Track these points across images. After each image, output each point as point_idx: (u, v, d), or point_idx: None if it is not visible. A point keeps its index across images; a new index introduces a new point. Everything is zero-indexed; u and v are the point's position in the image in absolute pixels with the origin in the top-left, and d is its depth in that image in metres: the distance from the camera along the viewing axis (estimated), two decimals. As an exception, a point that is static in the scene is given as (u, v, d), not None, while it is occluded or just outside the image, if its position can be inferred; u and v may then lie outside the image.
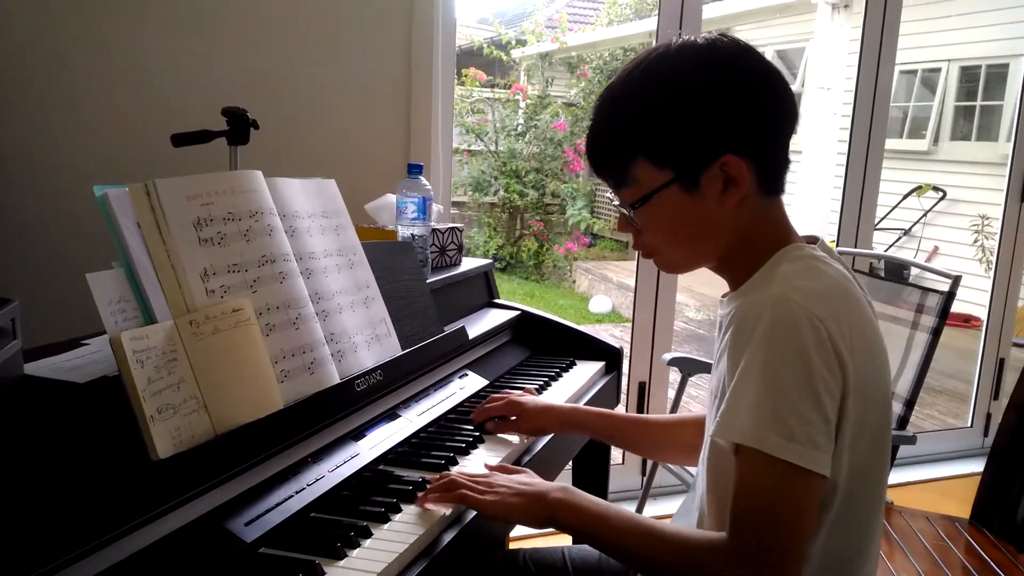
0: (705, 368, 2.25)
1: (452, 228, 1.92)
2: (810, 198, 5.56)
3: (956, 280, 1.99)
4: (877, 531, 1.04)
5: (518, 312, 1.91)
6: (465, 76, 8.10)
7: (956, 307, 2.05)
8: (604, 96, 1.04)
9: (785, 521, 0.88)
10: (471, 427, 1.39)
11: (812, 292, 0.92)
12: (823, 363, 0.88)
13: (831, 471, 0.90)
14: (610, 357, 1.87)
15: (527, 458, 1.35)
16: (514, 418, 1.39)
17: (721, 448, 0.96)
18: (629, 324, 3.21)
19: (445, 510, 1.07)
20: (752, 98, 0.97)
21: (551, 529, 1.06)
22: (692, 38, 1.00)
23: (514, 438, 1.37)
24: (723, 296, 1.08)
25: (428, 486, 1.11)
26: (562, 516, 1.02)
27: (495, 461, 1.27)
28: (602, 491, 1.92)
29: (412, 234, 1.72)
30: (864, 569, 1.02)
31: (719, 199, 0.98)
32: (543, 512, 1.03)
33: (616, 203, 1.07)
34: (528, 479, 1.10)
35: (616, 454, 2.81)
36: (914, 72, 7.32)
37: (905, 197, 6.88)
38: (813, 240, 1.05)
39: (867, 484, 0.99)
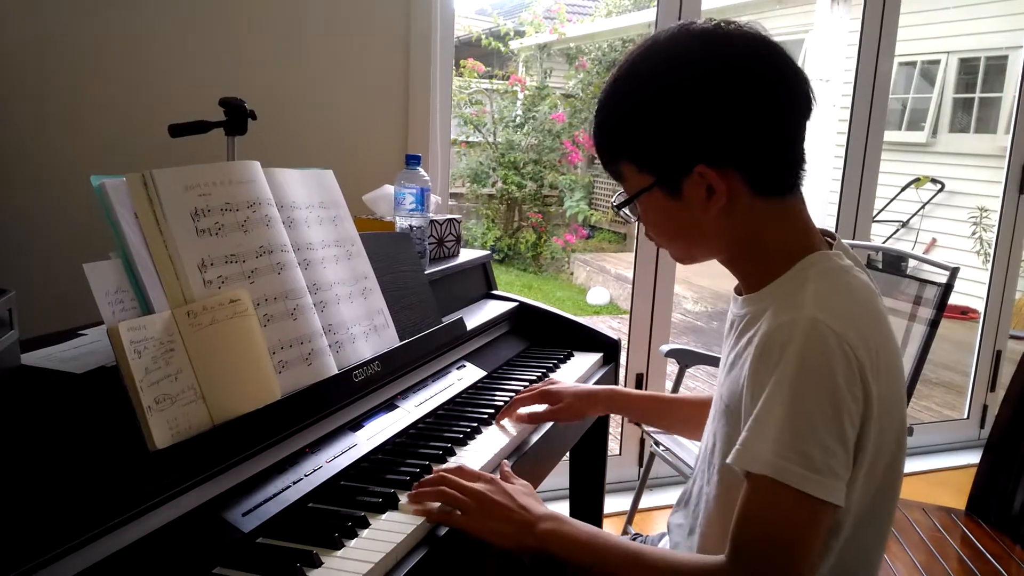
0: (702, 360, 2.25)
1: (450, 219, 1.91)
2: (809, 189, 5.56)
3: (954, 272, 1.99)
4: (884, 547, 1.04)
5: (516, 303, 1.91)
6: (463, 67, 8.08)
7: (954, 299, 2.05)
8: (600, 95, 1.03)
9: (792, 551, 0.86)
10: (466, 419, 1.40)
11: (844, 315, 0.89)
12: (850, 392, 0.86)
13: (846, 497, 0.89)
14: (608, 348, 1.87)
15: (524, 449, 1.36)
16: (547, 406, 1.41)
17: (733, 472, 0.93)
18: (627, 316, 3.21)
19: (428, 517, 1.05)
20: (735, 103, 0.92)
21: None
22: (691, 25, 0.97)
23: (513, 431, 1.37)
24: (736, 293, 1.06)
25: (417, 483, 1.09)
26: (553, 548, 1.01)
27: (493, 452, 1.27)
28: (599, 482, 1.93)
29: (410, 225, 1.72)
30: None
31: (703, 205, 0.96)
32: (533, 543, 1.01)
33: (613, 202, 1.07)
34: (525, 501, 1.06)
35: (613, 445, 2.81)
36: (913, 64, 7.31)
37: (903, 189, 6.88)
38: (830, 238, 1.02)
39: (880, 506, 0.98)
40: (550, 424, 1.45)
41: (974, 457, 2.85)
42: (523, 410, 1.42)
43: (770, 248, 0.99)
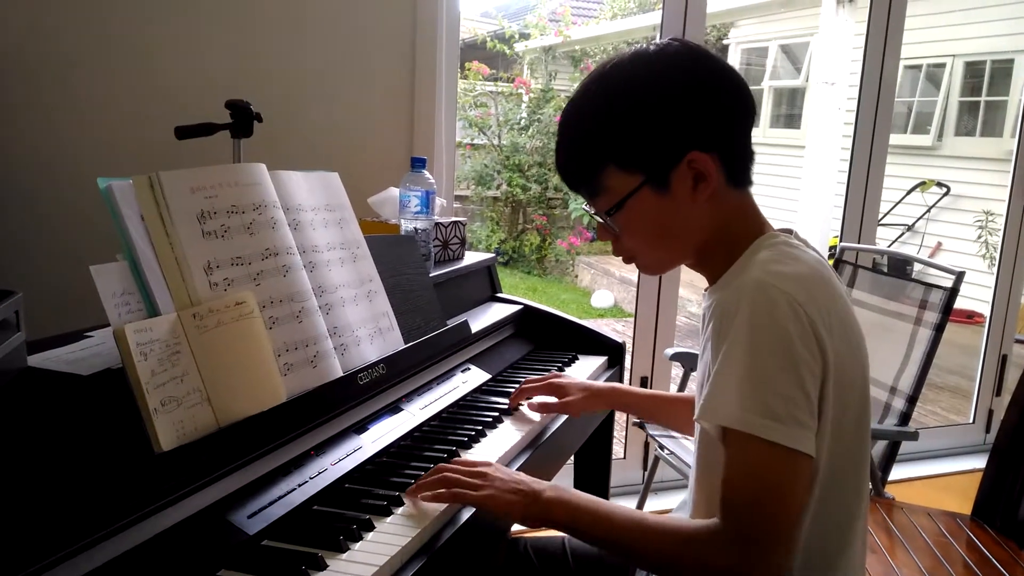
0: (707, 363, 2.24)
1: (455, 222, 1.91)
2: (814, 193, 5.55)
3: (959, 276, 1.99)
4: (860, 520, 1.05)
5: (520, 306, 1.91)
6: (468, 70, 8.08)
7: (959, 303, 2.05)
8: (567, 112, 1.06)
9: (773, 503, 0.89)
10: (471, 422, 1.40)
11: (790, 276, 0.94)
12: (803, 344, 0.90)
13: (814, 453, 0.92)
14: (612, 352, 1.87)
15: (528, 454, 1.35)
16: (554, 399, 1.46)
17: (709, 435, 0.97)
18: (631, 319, 3.21)
19: (440, 506, 1.07)
20: (710, 95, 0.99)
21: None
22: (644, 46, 1.04)
23: (518, 435, 1.37)
24: (705, 290, 1.10)
25: (418, 480, 1.10)
26: (557, 515, 1.03)
27: (498, 455, 1.27)
28: (604, 485, 1.93)
29: (415, 228, 1.72)
30: (849, 558, 1.03)
31: (691, 196, 1.01)
32: (538, 511, 1.04)
33: (592, 212, 1.08)
34: (522, 476, 1.09)
35: (618, 448, 2.81)
36: (919, 67, 7.29)
37: (909, 192, 6.86)
38: (787, 232, 1.06)
39: (849, 468, 1.00)
40: (555, 427, 1.45)
41: (980, 462, 2.84)
42: (534, 399, 1.47)
43: (735, 238, 1.04)
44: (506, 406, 1.46)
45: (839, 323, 0.95)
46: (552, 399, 1.47)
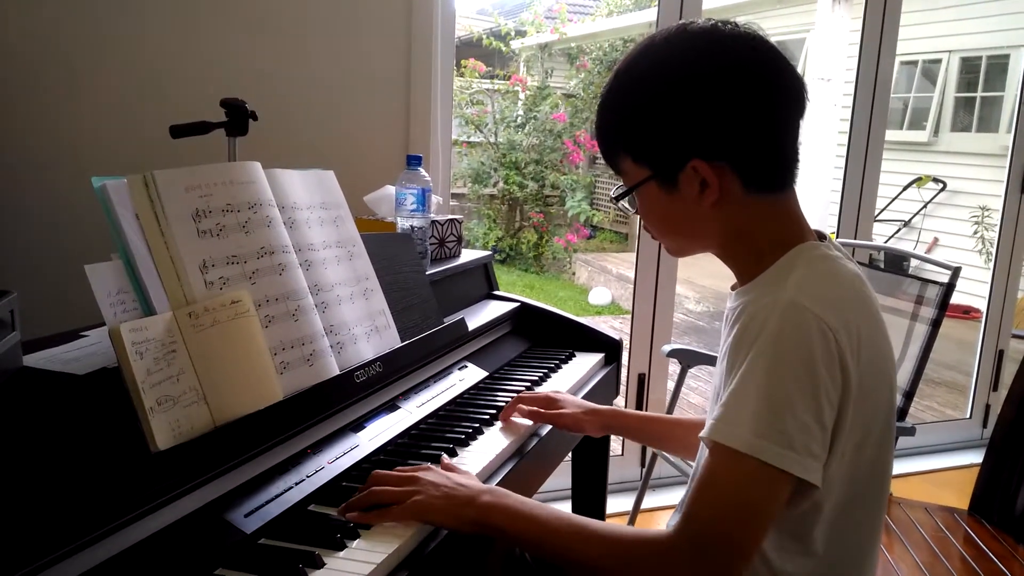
0: (704, 360, 2.25)
1: (451, 220, 1.91)
2: (810, 189, 5.56)
3: (956, 271, 1.99)
4: (877, 536, 1.04)
5: (517, 304, 1.90)
6: (464, 67, 8.08)
7: (956, 298, 2.05)
8: (602, 92, 1.05)
9: (744, 515, 0.86)
10: (468, 420, 1.39)
11: (827, 299, 0.90)
12: (828, 373, 0.87)
13: (827, 479, 0.90)
14: (609, 349, 1.87)
15: (527, 450, 1.35)
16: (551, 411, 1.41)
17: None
18: (628, 316, 3.21)
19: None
20: (733, 99, 0.94)
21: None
22: (691, 25, 0.99)
23: (515, 432, 1.37)
24: (732, 288, 1.07)
25: (350, 500, 1.05)
26: (493, 519, 1.00)
27: (495, 453, 1.27)
28: (601, 482, 1.93)
29: (411, 226, 1.72)
30: (864, 573, 1.02)
31: (697, 199, 0.98)
32: (472, 516, 1.01)
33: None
34: (462, 479, 1.06)
35: (615, 445, 2.81)
36: (915, 63, 7.30)
37: (905, 188, 6.87)
38: (820, 236, 1.03)
39: (869, 490, 0.99)
40: (550, 427, 1.45)
41: (976, 457, 2.85)
42: (525, 408, 1.42)
43: (761, 242, 1.00)
44: (503, 404, 1.46)
45: (869, 350, 0.92)
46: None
